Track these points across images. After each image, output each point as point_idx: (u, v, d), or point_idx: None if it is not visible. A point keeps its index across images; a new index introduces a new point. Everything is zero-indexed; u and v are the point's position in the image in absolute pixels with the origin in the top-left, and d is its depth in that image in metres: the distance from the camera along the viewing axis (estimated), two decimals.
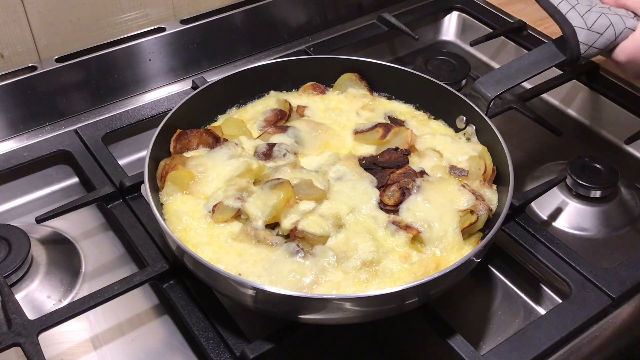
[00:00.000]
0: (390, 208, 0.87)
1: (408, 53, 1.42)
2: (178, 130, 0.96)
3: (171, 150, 0.95)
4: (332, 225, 0.84)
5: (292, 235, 0.83)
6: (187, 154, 0.94)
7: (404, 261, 0.82)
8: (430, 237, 0.83)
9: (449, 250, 0.83)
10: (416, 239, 0.84)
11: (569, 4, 0.90)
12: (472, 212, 0.86)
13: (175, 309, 0.86)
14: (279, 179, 0.87)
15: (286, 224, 0.84)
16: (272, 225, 0.86)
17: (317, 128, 0.99)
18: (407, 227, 0.84)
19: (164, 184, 0.89)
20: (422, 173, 0.91)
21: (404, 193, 0.88)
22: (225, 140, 0.95)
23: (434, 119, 1.04)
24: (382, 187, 0.89)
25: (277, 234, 0.85)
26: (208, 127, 1.00)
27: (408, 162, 0.93)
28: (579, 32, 0.89)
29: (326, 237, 0.83)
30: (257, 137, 0.98)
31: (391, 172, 0.91)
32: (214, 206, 0.86)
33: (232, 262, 0.81)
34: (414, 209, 0.86)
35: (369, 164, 0.93)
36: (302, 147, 0.96)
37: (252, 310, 0.82)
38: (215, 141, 0.95)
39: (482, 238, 0.85)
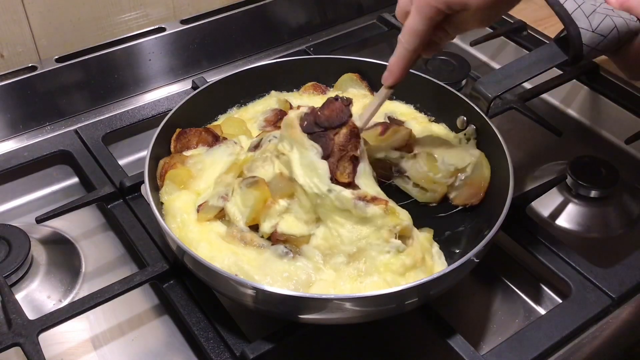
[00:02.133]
0: (346, 186, 0.81)
1: None
2: (178, 130, 0.96)
3: (171, 149, 0.95)
4: (310, 222, 0.82)
5: (273, 239, 0.82)
6: (186, 153, 0.94)
7: (387, 243, 0.80)
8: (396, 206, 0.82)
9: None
10: (388, 210, 0.80)
11: (576, 3, 0.90)
12: None
13: (175, 309, 0.86)
14: (254, 177, 0.85)
15: (266, 227, 0.83)
16: (257, 226, 0.85)
17: None
18: (374, 199, 0.80)
19: (163, 182, 0.89)
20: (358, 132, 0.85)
21: (354, 164, 0.82)
22: (225, 139, 0.95)
23: (435, 121, 1.04)
24: (328, 157, 0.81)
25: (261, 236, 0.84)
26: (208, 126, 1.01)
27: (351, 115, 0.84)
28: (583, 33, 0.89)
29: (309, 236, 0.82)
30: (257, 136, 0.98)
31: (335, 133, 0.82)
32: (199, 205, 0.86)
33: (227, 261, 0.81)
34: (366, 180, 0.83)
35: (311, 127, 0.83)
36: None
37: (252, 310, 0.82)
38: (215, 140, 0.95)
39: (482, 238, 0.85)
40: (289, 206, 0.83)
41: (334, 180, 0.81)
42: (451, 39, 0.86)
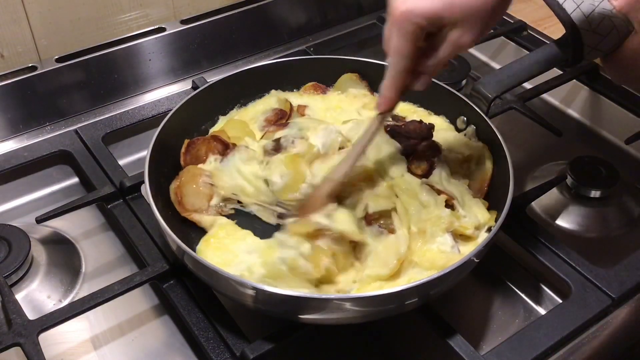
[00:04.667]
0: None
1: None
2: (186, 141, 0.96)
3: (182, 163, 0.95)
4: (391, 195, 0.86)
5: (367, 221, 0.84)
6: (202, 166, 0.93)
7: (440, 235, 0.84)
8: (462, 208, 0.86)
9: (481, 225, 0.86)
10: (454, 212, 0.85)
11: (575, 3, 0.89)
12: None
13: (175, 309, 0.86)
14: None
15: (359, 213, 0.85)
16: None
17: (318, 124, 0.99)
18: (440, 192, 0.86)
19: (185, 210, 0.90)
20: (441, 149, 0.94)
21: (431, 166, 0.90)
22: (234, 144, 0.95)
23: (435, 114, 1.04)
24: (408, 156, 0.90)
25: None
26: (212, 131, 1.00)
27: (432, 136, 0.94)
28: (583, 33, 0.89)
29: (392, 208, 0.85)
30: (261, 138, 0.98)
31: (416, 143, 0.92)
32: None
33: None
34: (441, 182, 0.88)
35: (393, 132, 0.93)
36: (308, 132, 0.96)
37: (253, 310, 0.82)
38: (225, 147, 0.95)
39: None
40: (366, 188, 0.86)
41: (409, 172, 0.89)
42: (443, 63, 0.80)
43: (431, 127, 0.95)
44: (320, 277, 0.80)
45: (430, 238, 0.84)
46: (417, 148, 0.92)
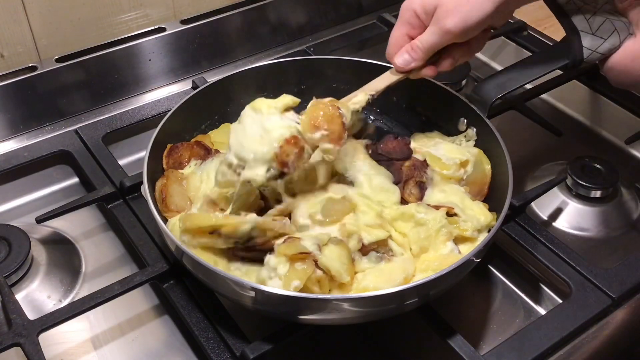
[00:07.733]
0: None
1: None
2: (168, 145, 0.95)
3: (164, 166, 0.94)
4: (383, 224, 0.85)
5: (363, 251, 0.82)
6: (182, 171, 0.92)
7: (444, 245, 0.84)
8: (463, 214, 0.85)
9: (483, 227, 0.86)
10: (453, 218, 0.85)
11: (575, 6, 0.90)
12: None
13: (175, 309, 0.86)
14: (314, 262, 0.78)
15: (353, 246, 0.82)
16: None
17: None
18: (438, 207, 0.85)
19: (169, 210, 0.88)
20: (425, 163, 0.93)
21: (421, 188, 0.89)
22: (217, 151, 0.94)
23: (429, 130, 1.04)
24: (398, 183, 0.90)
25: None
26: (206, 134, 1.00)
27: (412, 152, 0.94)
28: (583, 36, 0.89)
29: (388, 236, 0.84)
30: None
31: (401, 165, 0.92)
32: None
33: None
34: (436, 198, 0.88)
35: (375, 155, 0.93)
36: None
37: (252, 310, 0.82)
38: (207, 153, 0.94)
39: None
40: (358, 219, 0.85)
41: (402, 202, 0.89)
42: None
43: (408, 142, 0.95)
44: None
45: (432, 251, 0.84)
46: (402, 172, 0.91)
